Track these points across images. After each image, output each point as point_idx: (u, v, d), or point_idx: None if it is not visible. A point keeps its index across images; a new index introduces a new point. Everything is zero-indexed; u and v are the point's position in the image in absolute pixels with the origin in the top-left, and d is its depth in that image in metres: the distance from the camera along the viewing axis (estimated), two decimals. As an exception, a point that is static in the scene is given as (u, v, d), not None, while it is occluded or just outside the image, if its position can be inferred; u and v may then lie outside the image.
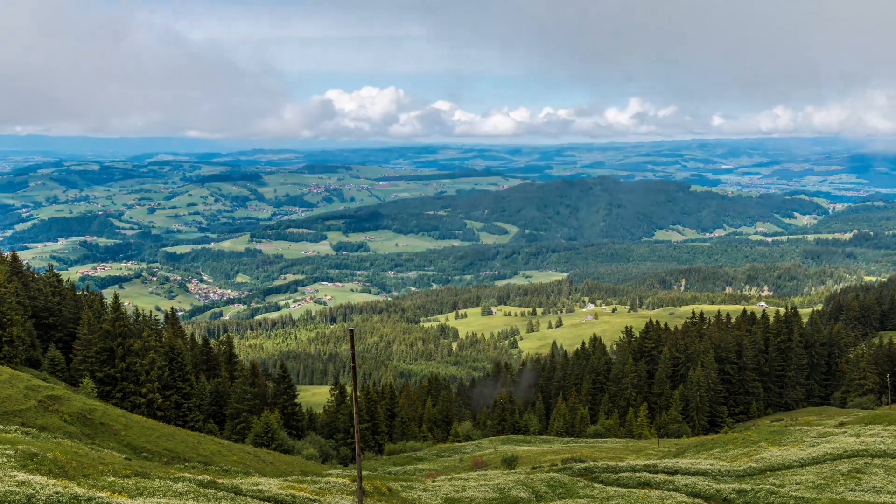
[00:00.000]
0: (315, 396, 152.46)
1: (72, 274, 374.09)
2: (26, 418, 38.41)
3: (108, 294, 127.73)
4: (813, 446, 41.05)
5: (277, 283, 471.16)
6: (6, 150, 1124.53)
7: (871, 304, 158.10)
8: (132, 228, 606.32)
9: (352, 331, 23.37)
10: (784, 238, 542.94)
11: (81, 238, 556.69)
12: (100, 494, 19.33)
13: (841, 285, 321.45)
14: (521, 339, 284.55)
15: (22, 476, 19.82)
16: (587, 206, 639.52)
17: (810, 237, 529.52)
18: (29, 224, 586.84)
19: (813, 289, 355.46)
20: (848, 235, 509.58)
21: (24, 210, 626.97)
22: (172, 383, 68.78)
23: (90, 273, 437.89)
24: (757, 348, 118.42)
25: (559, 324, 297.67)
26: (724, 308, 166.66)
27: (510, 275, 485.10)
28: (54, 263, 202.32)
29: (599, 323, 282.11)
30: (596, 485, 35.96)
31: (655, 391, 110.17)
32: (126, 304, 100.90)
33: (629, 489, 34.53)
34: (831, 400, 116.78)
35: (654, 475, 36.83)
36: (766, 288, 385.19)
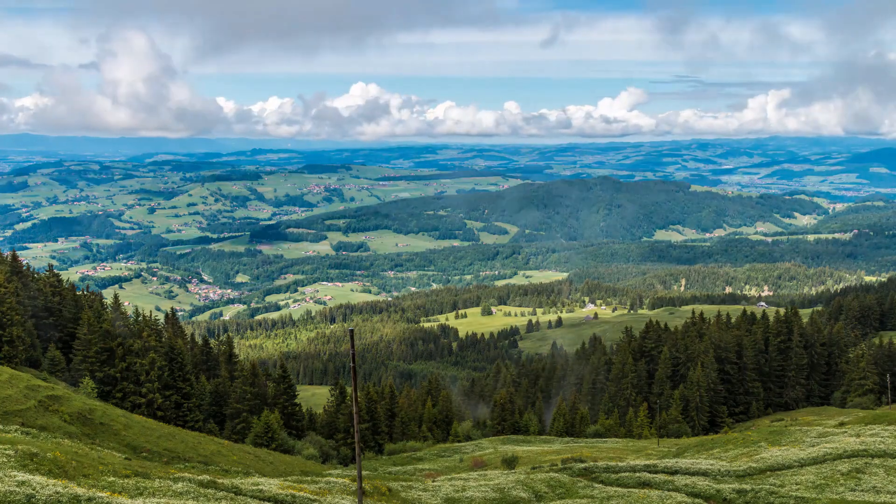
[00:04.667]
0: (315, 396, 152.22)
1: (72, 274, 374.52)
2: (26, 418, 38.40)
3: (108, 294, 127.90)
4: (813, 446, 41.04)
5: (277, 283, 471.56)
6: (6, 150, 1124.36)
7: (871, 304, 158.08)
8: (132, 228, 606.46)
9: (352, 331, 23.34)
10: (784, 238, 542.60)
11: (81, 238, 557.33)
12: (100, 494, 19.34)
13: (841, 285, 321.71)
14: (521, 339, 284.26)
15: (22, 476, 19.82)
16: (587, 206, 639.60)
17: (810, 237, 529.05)
18: (29, 224, 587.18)
19: (813, 289, 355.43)
20: (848, 235, 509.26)
21: (24, 210, 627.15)
22: (172, 383, 68.77)
23: (90, 273, 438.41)
24: (757, 348, 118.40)
25: (559, 324, 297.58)
26: (724, 308, 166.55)
27: (510, 275, 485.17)
28: (54, 263, 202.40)
29: (599, 323, 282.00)
30: (596, 485, 35.95)
31: (655, 391, 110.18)
32: (126, 304, 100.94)
33: (629, 489, 34.52)
34: (831, 400, 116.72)
35: (654, 475, 36.82)
36: (766, 288, 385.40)
